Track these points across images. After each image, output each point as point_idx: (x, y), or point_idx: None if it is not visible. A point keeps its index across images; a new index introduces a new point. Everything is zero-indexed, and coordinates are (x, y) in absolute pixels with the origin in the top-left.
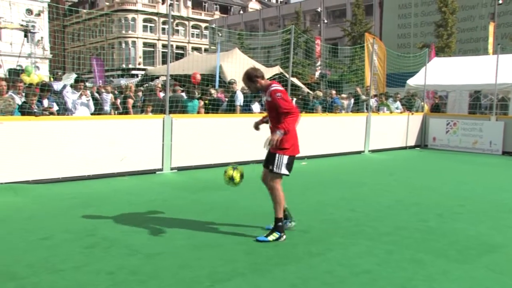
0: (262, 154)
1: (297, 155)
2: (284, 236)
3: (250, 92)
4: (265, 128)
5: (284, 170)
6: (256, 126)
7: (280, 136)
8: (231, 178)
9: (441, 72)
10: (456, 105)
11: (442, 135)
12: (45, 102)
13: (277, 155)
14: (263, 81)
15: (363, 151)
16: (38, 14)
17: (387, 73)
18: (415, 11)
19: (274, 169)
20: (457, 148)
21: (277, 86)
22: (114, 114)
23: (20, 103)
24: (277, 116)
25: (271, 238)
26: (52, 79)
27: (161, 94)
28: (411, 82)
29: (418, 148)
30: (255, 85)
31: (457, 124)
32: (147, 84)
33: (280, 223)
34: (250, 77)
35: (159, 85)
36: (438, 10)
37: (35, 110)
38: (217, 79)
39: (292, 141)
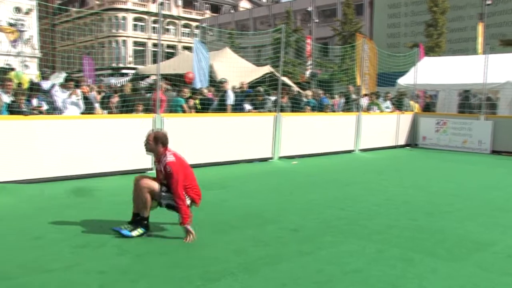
0: (252, 154)
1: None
2: (147, 232)
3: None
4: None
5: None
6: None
7: (189, 229)
8: None
9: (431, 71)
10: (445, 104)
11: (432, 134)
12: (34, 102)
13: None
14: (162, 149)
15: (354, 150)
16: (27, 13)
17: (377, 72)
18: (405, 11)
19: (164, 203)
20: (447, 147)
21: (170, 158)
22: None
23: (8, 101)
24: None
25: (135, 233)
26: (40, 77)
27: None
28: (402, 81)
29: (408, 147)
30: (154, 147)
31: (446, 123)
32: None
33: (145, 222)
34: (157, 140)
35: (164, 85)
36: (428, 10)
37: (24, 110)
38: (206, 77)
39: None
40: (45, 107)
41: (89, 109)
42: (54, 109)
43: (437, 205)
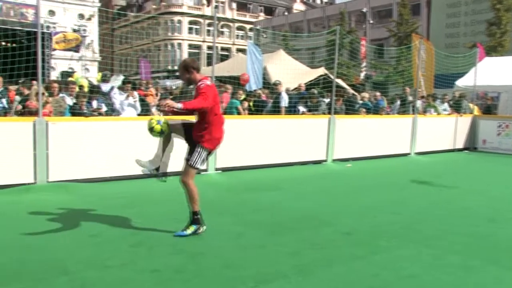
0: (306, 156)
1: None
2: (202, 228)
3: (293, 92)
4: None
5: (199, 165)
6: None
7: (177, 106)
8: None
9: (493, 72)
10: (508, 106)
11: (493, 138)
12: (94, 103)
13: (199, 147)
14: (198, 75)
15: (409, 154)
16: (89, 19)
17: (434, 74)
18: (465, 10)
19: (191, 161)
20: (510, 151)
21: (206, 82)
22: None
23: (71, 104)
24: (201, 113)
25: (188, 231)
26: (100, 80)
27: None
28: (460, 83)
29: (466, 151)
30: (189, 76)
31: (509, 126)
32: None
33: (197, 216)
34: (187, 67)
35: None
36: (491, 7)
37: (85, 111)
38: (260, 79)
39: (217, 135)
40: (104, 108)
41: (145, 110)
42: (112, 111)
43: (499, 211)
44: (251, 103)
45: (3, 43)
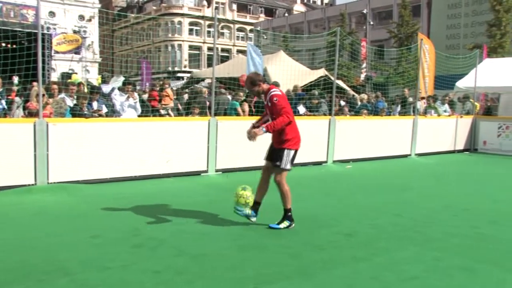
0: (306, 157)
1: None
2: (293, 225)
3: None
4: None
5: (289, 166)
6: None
7: (263, 133)
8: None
9: (493, 73)
10: (508, 107)
11: (494, 139)
12: (95, 105)
13: (285, 150)
14: (264, 85)
15: (410, 155)
16: (89, 20)
17: (435, 75)
18: (465, 11)
19: (282, 165)
20: (510, 152)
21: (276, 91)
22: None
23: (71, 105)
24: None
25: (282, 225)
26: (101, 81)
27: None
28: (461, 84)
29: (467, 152)
30: (258, 89)
31: (510, 127)
32: (192, 87)
33: (289, 213)
34: (254, 81)
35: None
36: (491, 9)
37: (85, 112)
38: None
39: (295, 135)
40: (104, 110)
41: (145, 111)
42: (113, 112)
43: (501, 213)
44: (251, 105)
45: (3, 44)
